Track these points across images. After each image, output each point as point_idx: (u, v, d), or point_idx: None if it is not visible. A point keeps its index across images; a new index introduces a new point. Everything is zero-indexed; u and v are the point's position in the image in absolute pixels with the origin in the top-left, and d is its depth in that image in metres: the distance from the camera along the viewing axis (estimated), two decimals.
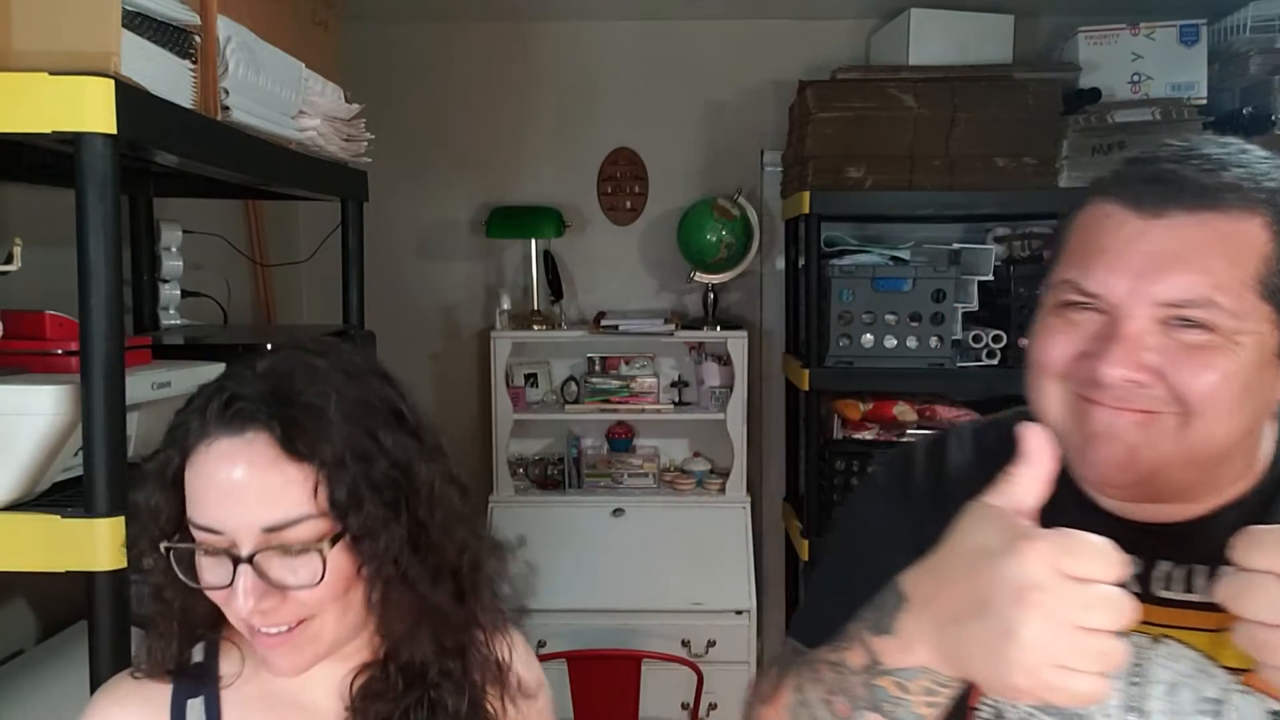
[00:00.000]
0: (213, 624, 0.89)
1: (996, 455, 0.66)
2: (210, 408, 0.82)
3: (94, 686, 1.07)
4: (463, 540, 0.89)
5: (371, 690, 0.88)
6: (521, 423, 2.94)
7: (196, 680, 0.89)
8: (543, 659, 2.61)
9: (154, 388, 1.27)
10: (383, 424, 0.84)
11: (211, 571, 0.82)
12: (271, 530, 0.79)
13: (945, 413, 2.56)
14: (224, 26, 1.33)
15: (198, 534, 0.81)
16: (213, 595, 0.82)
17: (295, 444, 0.80)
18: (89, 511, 1.10)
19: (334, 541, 0.80)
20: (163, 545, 0.83)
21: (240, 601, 0.79)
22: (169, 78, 1.21)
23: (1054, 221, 2.80)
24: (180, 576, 0.83)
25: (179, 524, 0.83)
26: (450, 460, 0.92)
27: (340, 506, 0.80)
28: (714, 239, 2.87)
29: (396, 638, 0.87)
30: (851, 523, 0.94)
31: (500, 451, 2.91)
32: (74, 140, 1.04)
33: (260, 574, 0.80)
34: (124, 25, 1.09)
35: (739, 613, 2.74)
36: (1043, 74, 2.53)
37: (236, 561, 0.79)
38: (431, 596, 0.85)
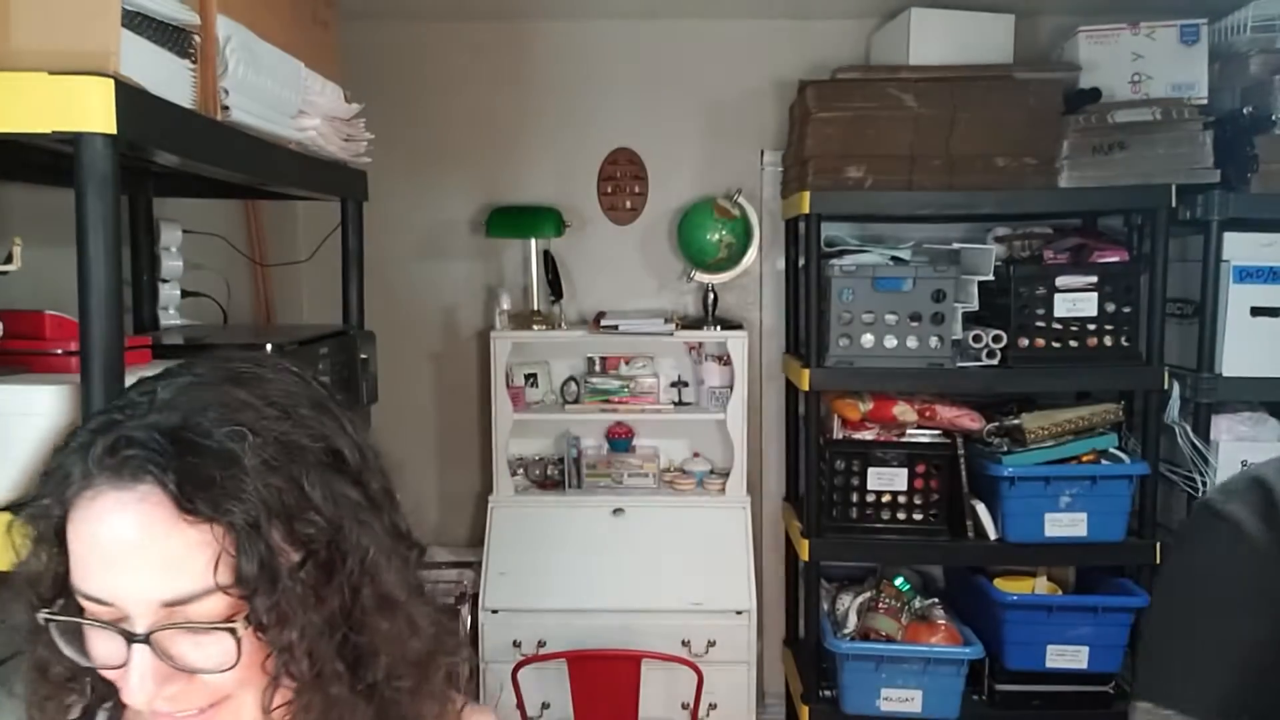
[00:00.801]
0: (114, 694, 0.73)
1: None
2: (93, 450, 0.67)
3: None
4: (398, 629, 0.73)
5: None
6: (521, 423, 2.94)
7: None
8: (543, 659, 2.62)
9: None
10: (314, 471, 0.70)
11: (102, 646, 0.68)
12: (171, 605, 0.66)
13: (945, 413, 2.56)
14: (223, 26, 1.33)
15: (85, 603, 0.68)
16: (106, 674, 0.69)
17: (195, 503, 0.65)
18: None
19: (249, 620, 0.67)
20: (41, 615, 0.69)
21: (135, 687, 0.66)
22: (169, 77, 1.21)
23: (1055, 221, 2.81)
24: (65, 651, 0.69)
25: (62, 587, 0.70)
26: (399, 510, 0.78)
27: (248, 583, 0.66)
28: (714, 239, 2.87)
29: None
30: (1221, 572, 0.82)
31: (500, 452, 2.91)
32: (73, 140, 1.04)
33: (161, 654, 0.66)
34: (124, 25, 1.09)
35: (739, 613, 2.74)
36: (1043, 74, 2.53)
37: (131, 639, 0.66)
38: (347, 703, 0.71)
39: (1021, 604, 2.53)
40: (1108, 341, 2.50)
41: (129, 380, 1.13)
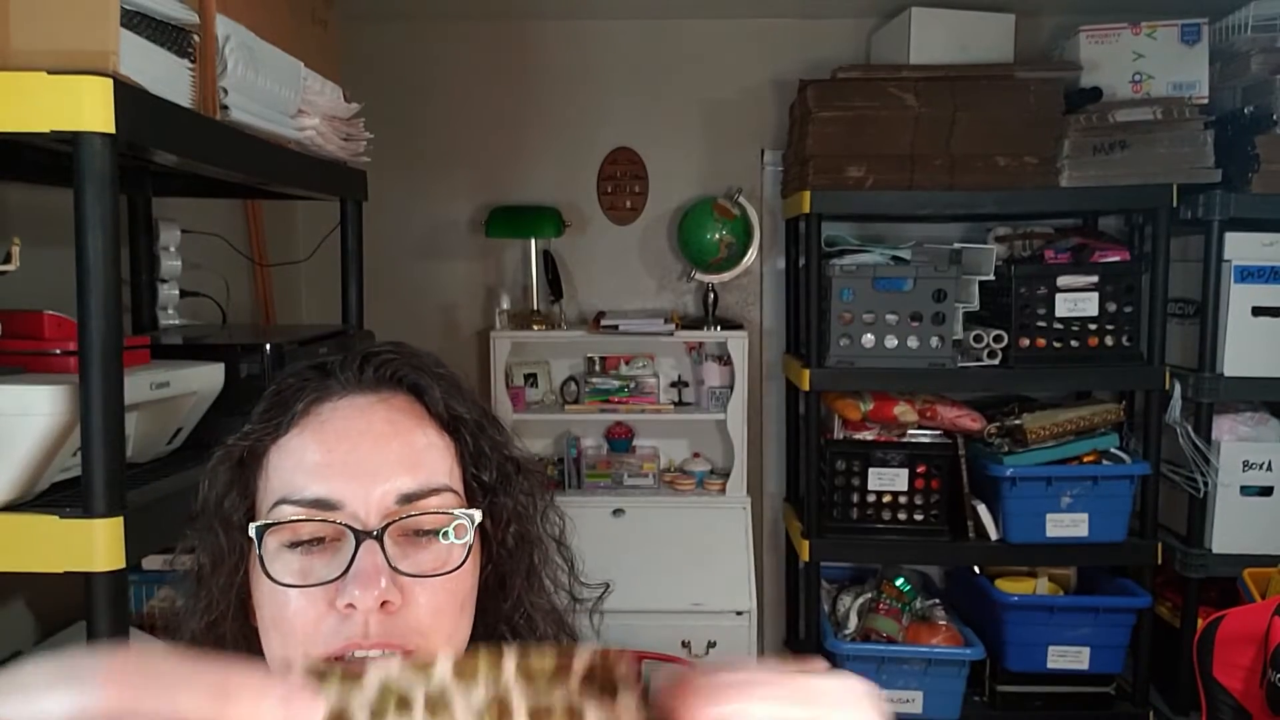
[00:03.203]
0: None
1: None
2: (334, 369, 0.70)
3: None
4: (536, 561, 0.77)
5: None
6: (521, 423, 2.94)
7: None
8: None
9: (152, 388, 1.27)
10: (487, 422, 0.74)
11: (315, 561, 0.64)
12: (408, 499, 0.65)
13: (946, 413, 2.56)
14: (223, 25, 1.33)
15: (300, 514, 0.64)
16: (298, 611, 0.63)
17: (441, 408, 0.69)
18: (87, 512, 1.09)
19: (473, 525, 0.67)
20: (259, 524, 0.65)
21: (365, 582, 0.61)
22: (168, 77, 1.21)
23: (1056, 221, 2.81)
24: (266, 575, 0.64)
25: (251, 515, 0.68)
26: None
27: (484, 485, 0.70)
28: (714, 238, 2.86)
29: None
30: None
31: None
32: (73, 140, 1.04)
33: (390, 555, 0.63)
34: (123, 24, 1.09)
35: (739, 613, 2.73)
36: (1044, 73, 2.53)
37: (359, 539, 0.63)
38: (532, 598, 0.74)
39: (1023, 605, 2.52)
40: (1109, 341, 2.50)
41: (128, 380, 1.13)
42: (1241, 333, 2.42)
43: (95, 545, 1.09)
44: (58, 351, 1.21)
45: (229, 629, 0.71)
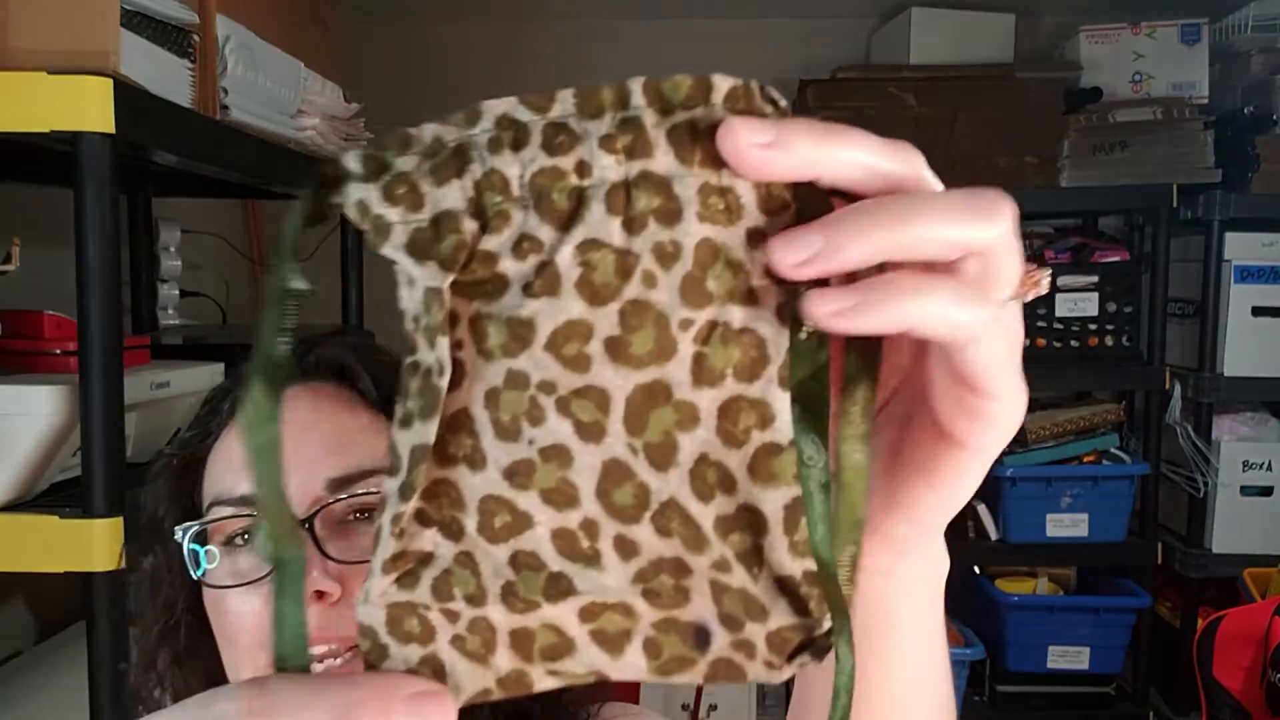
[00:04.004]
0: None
1: None
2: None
3: (92, 688, 1.07)
4: None
5: None
6: None
7: None
8: None
9: (152, 388, 1.27)
10: None
11: (243, 560, 0.63)
12: (339, 484, 0.63)
13: None
14: (223, 25, 1.33)
15: (225, 513, 0.64)
16: (236, 613, 0.62)
17: (373, 390, 0.67)
18: (87, 512, 1.09)
19: None
20: (179, 531, 0.64)
21: None
22: (168, 77, 1.21)
23: (1055, 220, 2.81)
24: (198, 579, 0.63)
25: (191, 516, 0.67)
26: None
27: None
28: None
29: None
30: None
31: None
32: (72, 140, 1.04)
33: (321, 540, 0.61)
34: (122, 24, 1.09)
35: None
36: (1044, 73, 2.53)
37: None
38: None
39: (1023, 605, 2.52)
40: (1109, 341, 2.50)
41: (128, 380, 1.13)
42: (1241, 333, 2.42)
43: (95, 545, 1.09)
44: (58, 351, 1.22)
45: (185, 644, 0.69)
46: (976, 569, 2.68)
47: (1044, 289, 0.32)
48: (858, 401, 0.31)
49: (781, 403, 0.29)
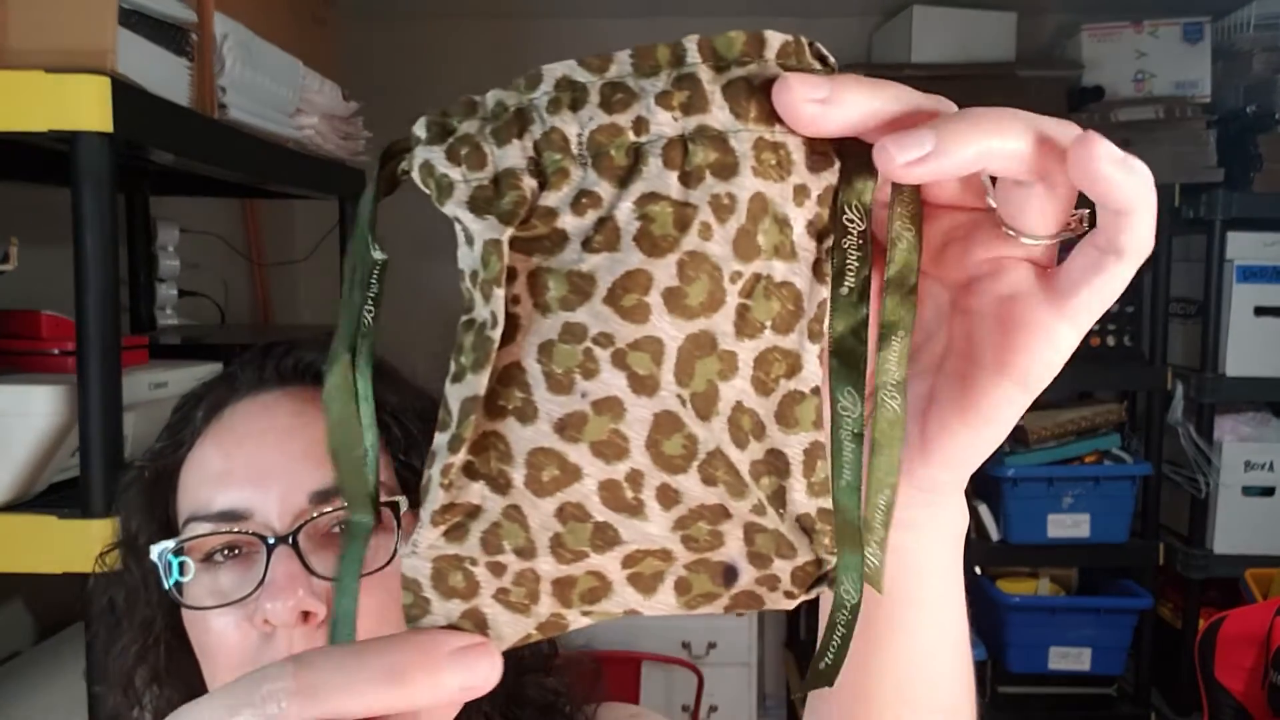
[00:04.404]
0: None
1: None
2: (235, 372, 0.66)
3: (91, 688, 1.07)
4: None
5: None
6: None
7: None
8: None
9: (151, 388, 1.26)
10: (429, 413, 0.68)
11: (231, 577, 0.60)
12: (323, 496, 0.60)
13: None
14: (221, 24, 1.32)
15: (208, 529, 0.61)
16: (219, 634, 0.60)
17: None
18: (85, 513, 1.09)
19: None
20: (153, 551, 0.61)
21: (272, 602, 0.56)
22: (166, 76, 1.20)
23: None
24: (178, 600, 0.61)
25: (166, 534, 0.64)
26: None
27: (418, 473, 0.62)
28: None
29: None
30: None
31: None
32: (70, 139, 1.03)
33: (304, 555, 0.59)
34: (120, 23, 1.08)
35: (739, 614, 2.73)
36: (1046, 72, 2.52)
37: (270, 547, 0.58)
38: None
39: (1024, 606, 2.52)
40: (1110, 341, 2.49)
41: (126, 380, 1.12)
42: (1244, 333, 2.41)
43: (93, 546, 1.07)
44: (55, 351, 1.21)
45: (164, 662, 0.66)
46: (978, 569, 2.68)
47: (1086, 228, 0.33)
48: (895, 351, 0.32)
49: (809, 354, 0.30)
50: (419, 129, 0.31)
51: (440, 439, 0.30)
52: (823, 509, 0.31)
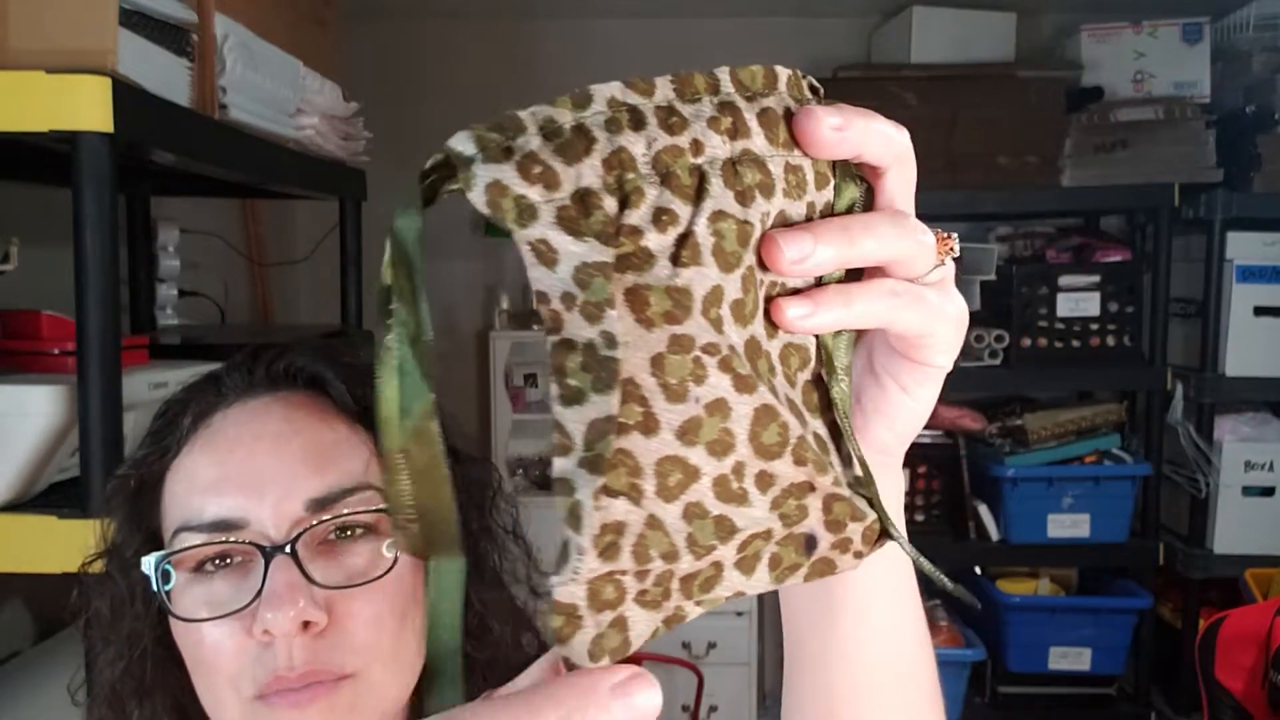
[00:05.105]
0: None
1: None
2: (222, 375, 0.64)
3: (90, 689, 1.07)
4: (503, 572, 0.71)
5: None
6: (521, 423, 2.93)
7: None
8: None
9: (151, 388, 1.26)
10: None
11: (227, 586, 0.58)
12: (320, 504, 0.59)
13: (947, 413, 2.55)
14: (221, 24, 1.32)
15: (201, 540, 0.59)
16: (215, 646, 0.58)
17: (347, 397, 0.62)
18: (85, 513, 1.09)
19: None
20: (144, 562, 0.59)
21: (272, 612, 0.55)
22: (166, 76, 1.20)
23: (1057, 220, 2.81)
24: (170, 611, 0.59)
25: (154, 546, 0.62)
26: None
27: None
28: None
29: None
30: None
31: (500, 452, 2.90)
32: (71, 139, 1.03)
33: (303, 565, 0.57)
34: (121, 23, 1.08)
35: (739, 614, 2.73)
36: (1045, 72, 2.52)
37: (268, 556, 0.57)
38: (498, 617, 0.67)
39: (1024, 605, 2.52)
40: (1110, 341, 2.50)
41: (126, 380, 1.12)
42: (1243, 333, 2.41)
43: (94, 546, 1.08)
44: (55, 351, 1.21)
45: (151, 676, 0.64)
46: (978, 570, 2.68)
47: (957, 251, 0.39)
48: (844, 340, 0.37)
49: (813, 347, 0.36)
50: (463, 145, 0.31)
51: (565, 463, 0.30)
52: (857, 475, 0.37)
